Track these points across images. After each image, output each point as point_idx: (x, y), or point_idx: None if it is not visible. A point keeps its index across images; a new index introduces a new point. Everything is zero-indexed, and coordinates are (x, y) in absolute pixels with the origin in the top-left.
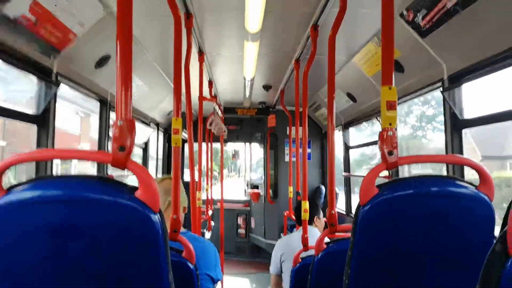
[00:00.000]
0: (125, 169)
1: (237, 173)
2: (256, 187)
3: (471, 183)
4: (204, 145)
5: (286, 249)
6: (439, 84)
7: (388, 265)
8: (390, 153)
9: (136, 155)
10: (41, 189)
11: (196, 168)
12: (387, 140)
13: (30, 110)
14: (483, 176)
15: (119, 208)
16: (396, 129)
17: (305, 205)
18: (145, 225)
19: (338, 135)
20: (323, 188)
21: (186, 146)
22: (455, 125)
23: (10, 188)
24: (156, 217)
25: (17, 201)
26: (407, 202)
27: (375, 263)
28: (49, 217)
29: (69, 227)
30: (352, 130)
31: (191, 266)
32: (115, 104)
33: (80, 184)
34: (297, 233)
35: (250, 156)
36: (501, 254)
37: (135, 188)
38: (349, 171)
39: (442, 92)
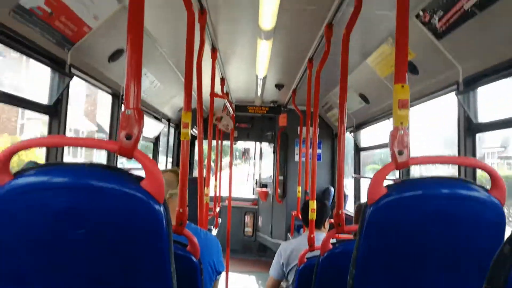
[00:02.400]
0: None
1: (247, 161)
2: (265, 186)
3: (482, 187)
4: (214, 142)
5: (290, 256)
6: (454, 87)
7: (394, 266)
8: (400, 152)
9: (148, 149)
10: (48, 175)
11: (204, 164)
12: (398, 139)
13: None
14: (495, 179)
15: (124, 197)
16: (408, 129)
17: (313, 204)
18: (149, 215)
19: (349, 137)
20: (332, 189)
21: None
22: (469, 128)
23: (18, 173)
24: (160, 208)
25: (24, 186)
26: (416, 203)
27: (381, 264)
28: (55, 203)
29: (74, 213)
30: (364, 131)
31: (195, 260)
32: (125, 94)
33: (87, 171)
34: (303, 238)
35: (260, 154)
36: (509, 255)
37: (141, 178)
38: (359, 173)
39: (456, 95)
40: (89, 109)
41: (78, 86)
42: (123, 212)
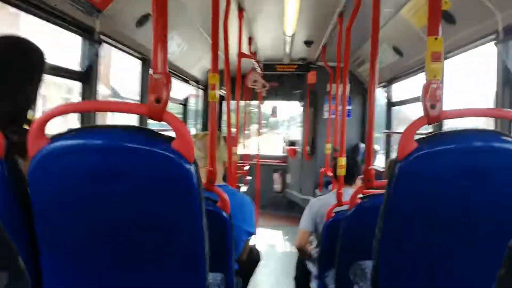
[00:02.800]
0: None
1: (275, 127)
2: (293, 143)
3: None
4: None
5: (319, 211)
6: (493, 36)
7: (424, 222)
8: (433, 106)
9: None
10: (82, 138)
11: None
12: (430, 93)
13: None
14: None
15: (155, 157)
16: (441, 82)
17: (341, 161)
18: (180, 174)
19: (382, 92)
20: (362, 145)
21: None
22: (508, 80)
23: (54, 137)
24: (191, 167)
25: (61, 149)
26: (448, 158)
27: (410, 220)
28: (90, 164)
29: (109, 174)
30: (397, 86)
31: (226, 215)
32: (152, 59)
33: (120, 134)
34: (332, 194)
35: (289, 112)
36: None
37: (171, 139)
38: (390, 129)
39: (496, 44)
40: (103, 72)
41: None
42: (156, 172)
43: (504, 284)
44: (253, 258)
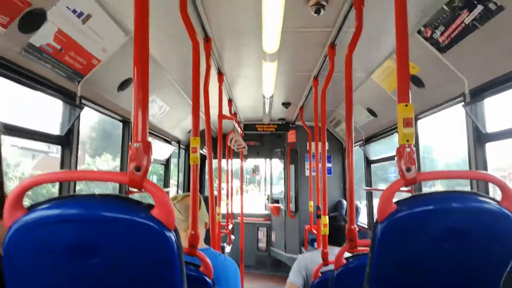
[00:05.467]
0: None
1: (257, 186)
2: (277, 201)
3: (493, 199)
4: (224, 161)
5: (310, 263)
6: (461, 98)
7: (408, 282)
8: (408, 169)
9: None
10: (60, 208)
11: (215, 183)
12: (404, 157)
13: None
14: (505, 191)
15: (136, 226)
16: (414, 146)
17: (325, 220)
18: (161, 242)
19: (359, 150)
20: (344, 202)
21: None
22: (478, 139)
23: (31, 207)
24: (171, 235)
25: (38, 220)
26: (427, 218)
27: (394, 280)
28: (68, 236)
29: (88, 245)
30: (374, 144)
31: (209, 280)
32: (132, 128)
33: (98, 203)
34: (318, 252)
35: (270, 171)
36: None
37: (151, 206)
38: (371, 186)
39: (463, 106)
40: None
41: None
42: (136, 241)
43: None
44: None
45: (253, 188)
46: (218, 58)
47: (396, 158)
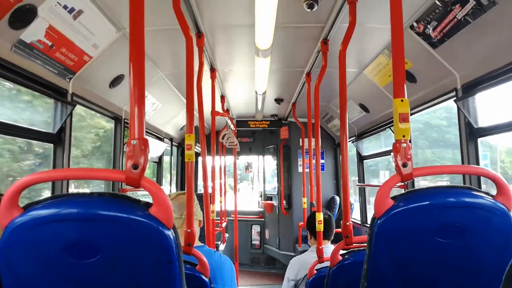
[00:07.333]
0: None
1: (250, 183)
2: (270, 198)
3: (488, 193)
4: (217, 158)
5: (298, 273)
6: (453, 93)
7: (405, 278)
8: (404, 165)
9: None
10: (57, 208)
11: (209, 181)
12: (401, 152)
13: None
14: (500, 185)
15: (134, 224)
16: (410, 141)
17: (319, 216)
18: (160, 241)
19: (352, 145)
20: (337, 198)
21: (201, 159)
22: (471, 133)
23: (27, 207)
24: (170, 233)
25: (34, 220)
26: (423, 214)
27: (392, 276)
28: (65, 235)
29: (85, 244)
30: (366, 139)
31: (206, 279)
32: (129, 125)
33: (96, 202)
34: (310, 252)
35: (263, 167)
36: None
37: (149, 205)
38: (363, 181)
39: (455, 101)
40: None
41: None
42: (134, 240)
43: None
44: None
45: (245, 186)
46: (210, 54)
47: (392, 153)
